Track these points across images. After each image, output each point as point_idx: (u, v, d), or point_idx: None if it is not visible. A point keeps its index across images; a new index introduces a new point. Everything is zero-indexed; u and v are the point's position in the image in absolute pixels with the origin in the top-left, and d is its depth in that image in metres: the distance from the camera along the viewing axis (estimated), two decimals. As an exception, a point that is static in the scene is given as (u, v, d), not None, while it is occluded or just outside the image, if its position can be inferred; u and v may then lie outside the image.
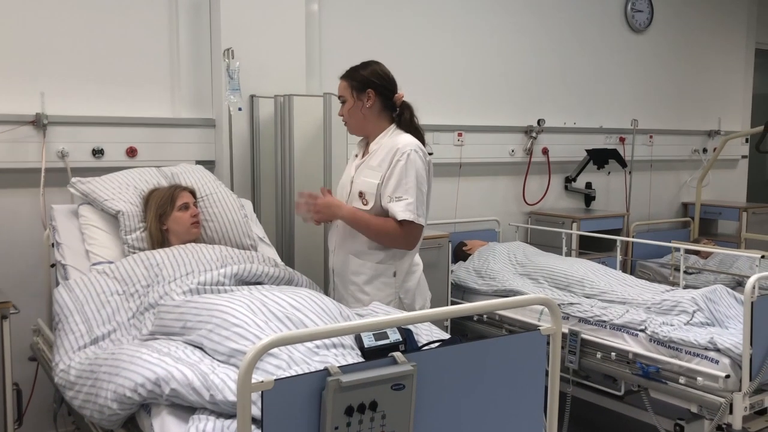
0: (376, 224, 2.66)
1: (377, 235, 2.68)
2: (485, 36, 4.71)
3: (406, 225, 2.62)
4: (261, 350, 1.38)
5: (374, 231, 2.67)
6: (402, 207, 2.60)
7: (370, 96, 2.71)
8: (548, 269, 3.86)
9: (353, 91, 2.73)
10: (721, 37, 6.07)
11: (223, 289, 2.40)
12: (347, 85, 2.75)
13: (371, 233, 2.68)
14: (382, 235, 2.67)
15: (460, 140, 4.58)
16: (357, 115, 2.74)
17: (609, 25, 5.34)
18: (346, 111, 2.77)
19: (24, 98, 3.20)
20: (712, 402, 2.77)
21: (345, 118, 2.81)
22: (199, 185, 3.02)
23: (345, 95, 2.76)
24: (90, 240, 2.79)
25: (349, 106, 2.75)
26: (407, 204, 2.60)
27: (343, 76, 2.78)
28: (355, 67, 2.77)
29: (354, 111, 2.74)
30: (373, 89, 2.71)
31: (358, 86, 2.72)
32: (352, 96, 2.73)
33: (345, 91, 2.76)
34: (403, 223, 2.61)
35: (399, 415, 1.52)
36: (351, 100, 2.74)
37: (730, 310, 3.20)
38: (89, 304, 2.40)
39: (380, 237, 2.68)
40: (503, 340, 1.79)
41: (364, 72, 2.73)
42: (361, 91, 2.72)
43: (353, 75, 2.74)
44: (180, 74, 3.60)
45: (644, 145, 5.55)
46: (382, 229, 2.65)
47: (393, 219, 2.62)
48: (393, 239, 2.66)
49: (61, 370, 2.20)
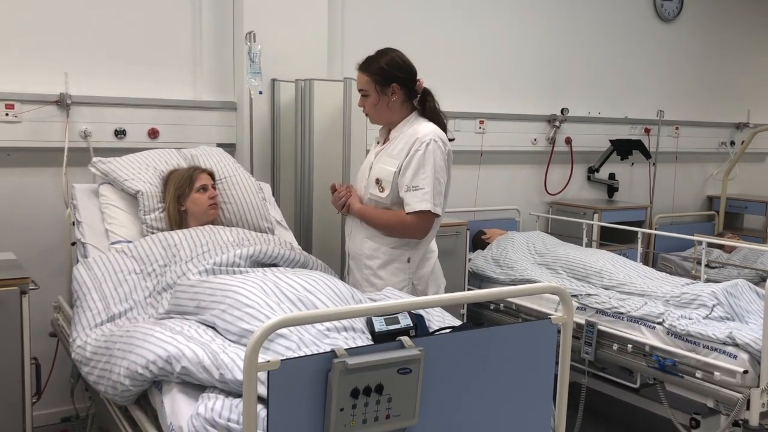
0: (382, 217, 2.69)
1: (385, 227, 2.70)
2: (509, 23, 4.66)
3: (421, 215, 2.62)
4: (268, 330, 1.39)
5: (381, 224, 2.70)
6: (418, 197, 2.60)
7: (395, 90, 2.67)
8: (567, 259, 3.83)
9: (377, 86, 2.66)
10: (752, 28, 5.94)
11: (238, 270, 2.42)
12: (369, 80, 2.67)
13: (379, 226, 2.71)
14: (389, 227, 2.69)
15: (482, 128, 4.55)
16: (382, 109, 2.70)
17: (637, 14, 5.25)
18: (371, 106, 2.71)
19: (48, 78, 3.24)
20: (729, 397, 2.73)
21: (367, 111, 2.75)
22: (218, 167, 3.04)
23: (368, 90, 2.69)
24: (109, 219, 2.83)
25: (373, 101, 2.69)
26: (423, 194, 2.60)
27: (363, 69, 2.69)
28: (373, 58, 2.69)
29: (380, 106, 2.69)
30: (398, 83, 2.66)
31: (382, 81, 2.66)
32: (375, 91, 2.67)
33: (368, 86, 2.68)
34: (418, 213, 2.61)
35: (405, 399, 1.52)
36: (375, 95, 2.67)
37: (751, 305, 3.15)
38: (107, 282, 2.44)
39: (388, 229, 2.70)
40: (513, 327, 1.78)
41: (385, 64, 2.65)
42: (385, 86, 2.66)
43: (374, 69, 2.66)
44: (202, 57, 3.62)
45: (670, 137, 5.46)
46: (388, 221, 2.68)
47: (403, 211, 2.64)
48: (401, 230, 2.68)
49: (78, 346, 2.24)
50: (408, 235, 2.69)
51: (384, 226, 2.70)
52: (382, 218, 2.70)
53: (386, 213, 2.69)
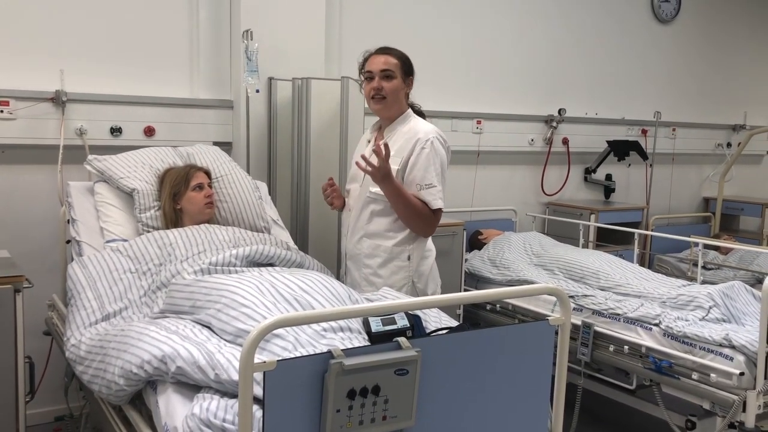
0: (416, 205, 2.63)
1: (412, 217, 2.65)
2: (507, 23, 4.65)
3: (437, 213, 2.67)
4: (264, 330, 1.38)
5: (412, 211, 2.63)
6: (433, 195, 2.63)
7: (410, 83, 2.76)
8: (563, 260, 3.83)
9: (403, 72, 2.71)
10: (749, 30, 5.94)
11: (234, 270, 2.40)
12: (399, 65, 2.70)
13: (408, 212, 2.64)
14: (415, 217, 2.65)
15: (479, 128, 4.54)
16: (399, 95, 2.73)
17: (635, 15, 5.25)
18: (392, 89, 2.69)
19: (44, 75, 3.23)
20: (725, 399, 2.73)
21: (385, 93, 2.68)
22: (214, 166, 3.03)
23: (395, 72, 2.69)
24: (104, 217, 2.81)
25: (397, 85, 2.69)
26: (437, 191, 2.64)
27: (392, 53, 2.72)
28: (393, 48, 2.75)
29: (399, 92, 2.72)
30: (413, 77, 2.76)
31: (407, 69, 2.73)
32: (401, 76, 2.71)
33: (396, 69, 2.69)
34: (435, 210, 2.65)
35: (402, 400, 1.51)
36: (399, 79, 2.70)
37: (747, 307, 3.15)
38: (102, 281, 2.43)
39: (413, 218, 2.65)
40: (511, 329, 1.77)
41: (406, 56, 2.74)
42: (408, 75, 2.74)
43: (402, 56, 2.73)
44: (199, 55, 3.60)
45: (666, 138, 5.47)
46: (417, 211, 2.63)
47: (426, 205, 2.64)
48: (421, 224, 2.67)
49: (72, 344, 2.23)
50: (422, 229, 2.70)
51: (413, 210, 2.62)
52: (416, 204, 2.63)
53: (419, 201, 2.64)
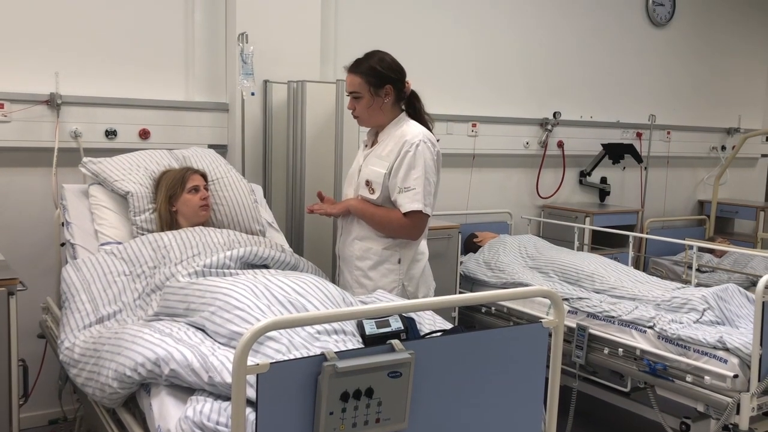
0: (380, 215, 2.67)
1: (381, 225, 2.69)
2: (502, 26, 4.66)
3: (413, 215, 2.62)
4: (258, 333, 1.38)
5: (378, 221, 2.68)
6: (409, 198, 2.61)
7: (388, 92, 2.67)
8: (558, 263, 3.83)
9: (371, 87, 2.65)
10: (744, 34, 5.97)
11: (229, 272, 2.40)
12: (363, 82, 2.66)
13: (375, 223, 2.69)
14: (385, 225, 2.68)
15: (474, 131, 4.55)
16: (375, 111, 2.69)
17: (629, 19, 5.27)
18: (363, 108, 2.69)
19: (38, 77, 3.22)
20: (719, 401, 2.73)
21: (358, 113, 2.72)
22: (210, 169, 3.02)
23: (361, 92, 2.67)
24: (99, 220, 2.81)
25: (367, 103, 2.67)
26: (414, 194, 2.60)
27: (356, 71, 2.67)
28: (363, 59, 2.69)
29: (373, 108, 2.68)
30: (391, 84, 2.67)
31: (376, 82, 2.65)
32: (369, 93, 2.66)
33: (361, 88, 2.67)
34: (409, 213, 2.61)
35: (395, 403, 1.52)
36: (368, 96, 2.66)
37: (741, 309, 3.15)
38: (96, 284, 2.42)
39: (384, 227, 2.69)
40: (504, 331, 1.77)
41: (377, 65, 2.65)
42: (379, 87, 2.66)
43: (366, 69, 2.65)
44: (194, 57, 3.60)
45: (661, 141, 5.48)
46: (385, 219, 2.67)
47: (399, 210, 2.62)
48: (397, 230, 2.67)
49: (66, 347, 2.22)
50: (401, 235, 2.69)
51: (379, 221, 2.68)
52: (377, 214, 2.68)
53: (384, 208, 2.68)
